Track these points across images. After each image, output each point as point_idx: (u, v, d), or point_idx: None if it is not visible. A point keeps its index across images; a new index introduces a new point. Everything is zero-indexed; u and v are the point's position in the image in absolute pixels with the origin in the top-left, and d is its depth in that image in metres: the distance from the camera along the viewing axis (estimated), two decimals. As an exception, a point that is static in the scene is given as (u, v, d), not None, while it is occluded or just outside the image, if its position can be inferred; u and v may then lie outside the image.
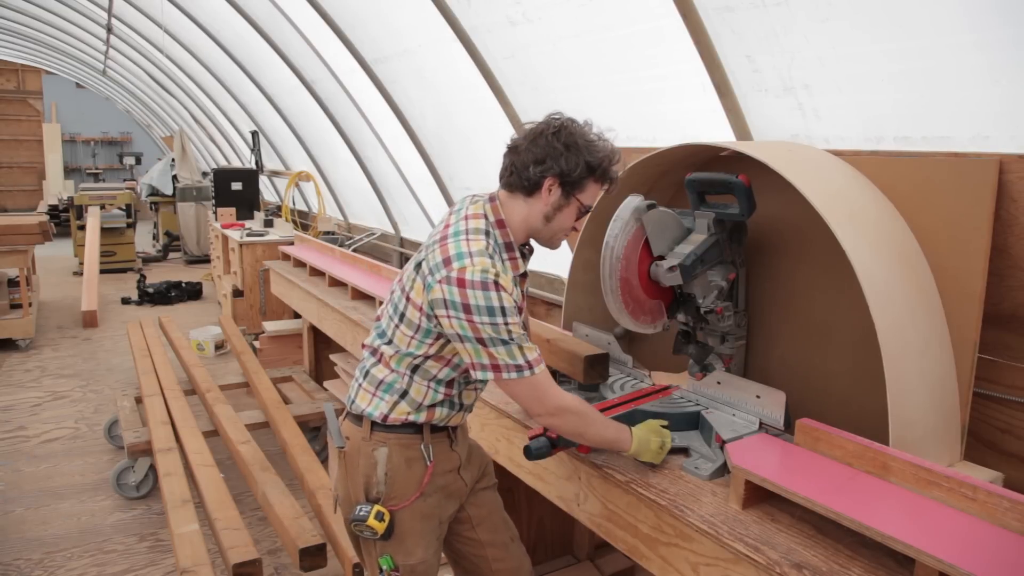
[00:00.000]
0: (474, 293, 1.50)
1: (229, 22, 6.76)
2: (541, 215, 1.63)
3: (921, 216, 1.74)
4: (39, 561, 3.05)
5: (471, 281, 1.50)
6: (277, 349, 5.18)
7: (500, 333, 1.51)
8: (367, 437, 1.67)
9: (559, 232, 1.66)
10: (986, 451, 1.86)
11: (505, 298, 1.51)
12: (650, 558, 1.60)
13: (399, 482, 1.67)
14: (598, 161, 1.59)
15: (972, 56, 1.75)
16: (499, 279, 1.51)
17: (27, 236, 6.19)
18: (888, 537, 1.24)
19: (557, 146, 1.57)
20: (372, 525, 1.62)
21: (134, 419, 3.90)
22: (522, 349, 1.54)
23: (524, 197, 1.63)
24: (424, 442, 1.68)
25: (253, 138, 8.26)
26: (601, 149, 1.60)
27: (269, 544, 3.13)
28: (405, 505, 1.67)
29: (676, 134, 2.69)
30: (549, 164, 1.57)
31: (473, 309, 1.50)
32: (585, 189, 1.61)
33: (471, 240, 1.57)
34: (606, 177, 1.63)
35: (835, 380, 1.89)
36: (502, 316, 1.50)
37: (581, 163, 1.57)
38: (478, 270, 1.51)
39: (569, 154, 1.57)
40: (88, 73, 15.90)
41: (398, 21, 4.35)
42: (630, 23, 2.71)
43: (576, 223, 1.66)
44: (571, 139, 1.58)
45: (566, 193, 1.60)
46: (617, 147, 1.65)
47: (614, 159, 1.63)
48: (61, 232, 11.32)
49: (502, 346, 1.52)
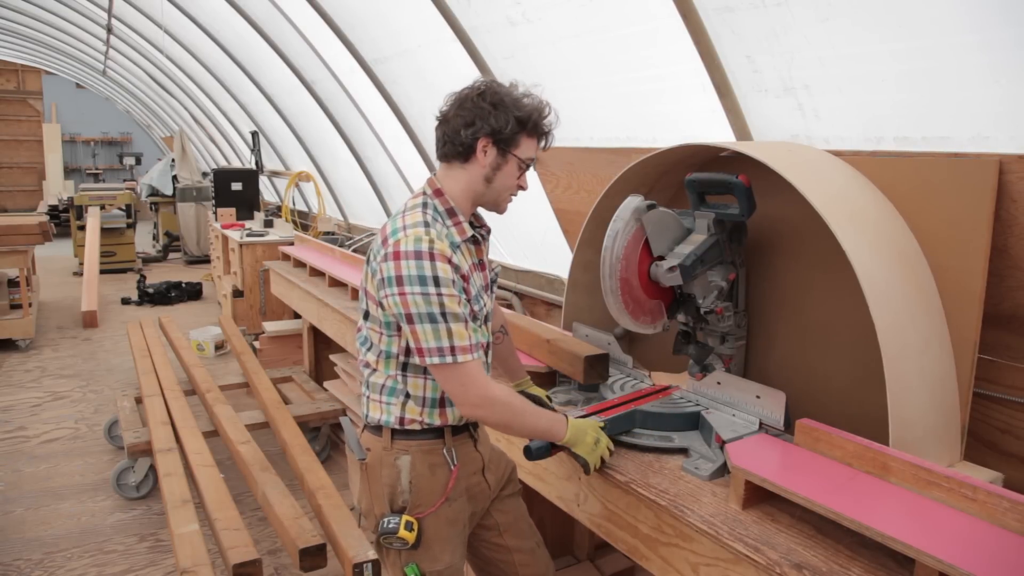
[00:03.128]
0: (407, 263, 1.48)
1: (229, 22, 6.76)
2: (481, 178, 1.61)
3: (921, 216, 1.74)
4: (39, 561, 3.05)
5: (404, 252, 1.49)
6: (277, 349, 5.18)
7: (431, 305, 1.48)
8: (388, 447, 1.65)
9: (503, 192, 1.64)
10: (986, 451, 1.86)
11: (440, 268, 1.48)
12: (650, 558, 1.60)
13: (424, 489, 1.64)
14: (527, 115, 1.58)
15: (972, 56, 1.75)
16: (434, 247, 1.49)
17: (27, 236, 6.19)
18: (888, 537, 1.24)
19: (484, 106, 1.56)
20: (403, 536, 1.59)
21: (134, 419, 3.90)
22: (451, 332, 1.49)
23: (461, 164, 1.62)
24: (446, 446, 1.66)
25: (253, 138, 8.26)
26: (528, 104, 1.60)
27: (269, 544, 3.13)
28: (431, 511, 1.63)
29: (676, 134, 2.68)
30: (479, 125, 1.56)
31: (405, 280, 1.48)
32: (520, 144, 1.60)
33: (406, 215, 1.58)
34: (538, 130, 1.62)
35: (835, 380, 1.89)
36: (434, 286, 1.47)
37: (511, 119, 1.56)
38: (411, 239, 1.50)
39: (498, 112, 1.56)
40: (88, 73, 15.90)
41: (398, 21, 4.35)
42: (630, 23, 2.71)
43: (520, 181, 1.65)
44: (497, 98, 1.57)
45: (501, 151, 1.59)
46: (546, 100, 1.63)
47: (543, 112, 1.62)
48: (61, 232, 11.32)
49: (428, 324, 1.49)
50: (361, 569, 2.39)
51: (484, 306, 1.66)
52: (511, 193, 1.66)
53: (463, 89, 1.63)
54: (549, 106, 1.64)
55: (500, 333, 1.98)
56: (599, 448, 1.64)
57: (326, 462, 3.86)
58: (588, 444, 1.63)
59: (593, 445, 1.64)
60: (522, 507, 1.91)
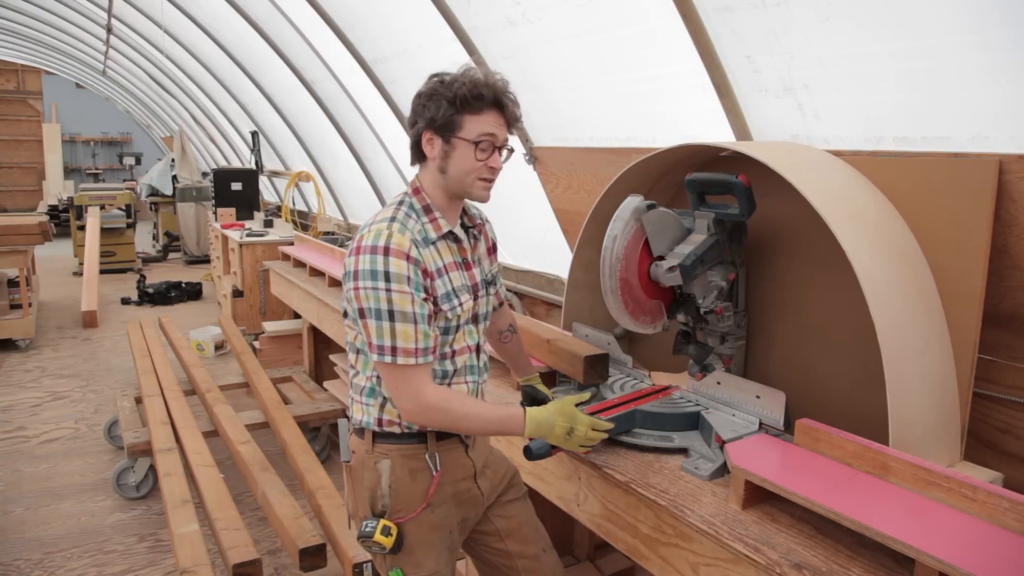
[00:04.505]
0: (363, 258, 1.49)
1: (229, 22, 6.76)
2: (436, 169, 1.59)
3: (921, 216, 1.74)
4: (39, 561, 3.05)
5: (363, 247, 1.50)
6: (277, 349, 5.18)
7: (380, 301, 1.47)
8: (370, 450, 1.64)
9: (465, 177, 1.57)
10: (986, 451, 1.86)
11: (393, 263, 1.47)
12: (650, 558, 1.60)
13: (403, 494, 1.62)
14: (455, 94, 1.52)
15: (973, 56, 1.75)
16: (391, 241, 1.48)
17: (27, 236, 6.20)
18: (888, 537, 1.24)
19: (421, 101, 1.56)
20: (379, 540, 1.57)
21: (134, 419, 3.90)
22: (394, 331, 1.48)
23: (422, 164, 1.63)
24: (429, 451, 1.63)
25: (253, 138, 8.26)
26: (459, 80, 1.53)
27: (269, 544, 3.13)
28: (411, 517, 1.62)
29: (676, 134, 2.68)
30: (419, 121, 1.57)
31: (360, 274, 1.49)
32: (462, 126, 1.53)
33: (379, 214, 1.59)
34: (477, 105, 1.53)
35: (835, 380, 1.89)
36: (384, 281, 1.47)
37: (443, 104, 1.52)
38: (372, 235, 1.51)
39: (431, 102, 1.54)
40: (88, 73, 15.89)
41: (398, 21, 4.35)
42: (630, 23, 2.71)
43: (488, 160, 1.56)
44: (431, 88, 1.55)
45: (445, 138, 1.55)
46: (484, 73, 1.56)
47: (478, 83, 1.53)
48: (61, 232, 11.32)
49: (375, 319, 1.49)
50: (361, 569, 2.39)
51: (460, 304, 1.61)
52: (477, 176, 1.57)
53: None
54: (488, 75, 1.56)
55: (508, 332, 1.98)
56: (576, 435, 1.58)
57: (326, 462, 3.86)
58: (558, 436, 1.57)
59: (565, 436, 1.57)
60: (527, 512, 1.87)
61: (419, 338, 1.51)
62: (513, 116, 1.59)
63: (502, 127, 1.58)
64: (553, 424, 1.57)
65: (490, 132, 1.55)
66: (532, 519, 1.87)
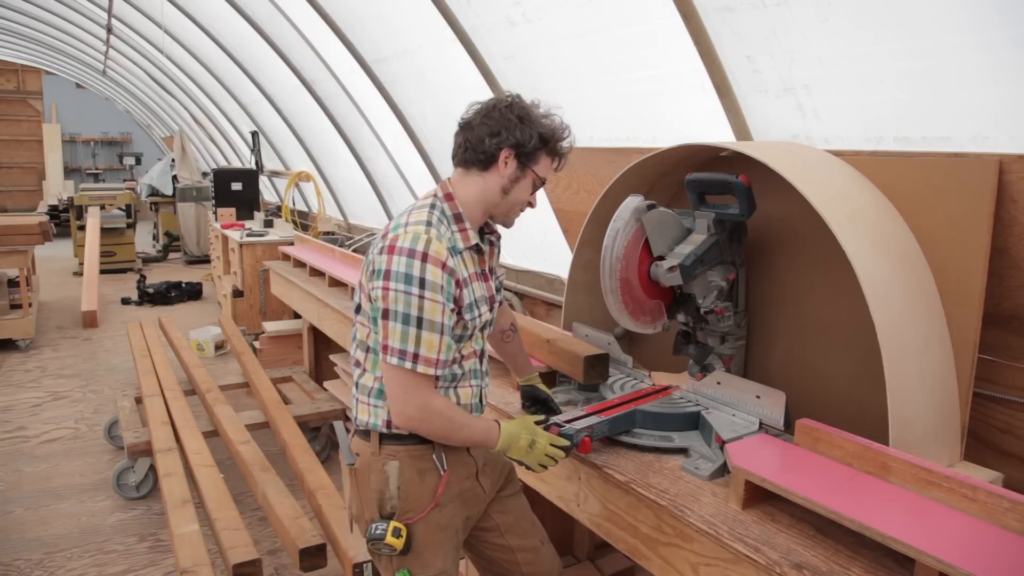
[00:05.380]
0: (398, 259, 1.50)
1: (229, 23, 6.76)
2: (499, 188, 1.62)
3: (921, 216, 1.74)
4: (39, 562, 3.05)
5: (399, 248, 1.50)
6: (277, 349, 5.18)
7: (410, 307, 1.48)
8: (376, 452, 1.64)
9: (516, 206, 1.66)
10: (986, 451, 1.86)
11: (430, 271, 1.48)
12: (650, 558, 1.60)
13: (412, 495, 1.62)
14: (550, 133, 1.62)
15: (972, 56, 1.75)
16: (430, 247, 1.49)
17: (27, 236, 6.19)
18: (888, 537, 1.24)
19: (511, 118, 1.59)
20: (391, 543, 1.58)
21: (134, 419, 3.90)
22: (420, 339, 1.50)
23: (480, 172, 1.63)
24: (436, 451, 1.64)
25: (253, 138, 8.26)
26: (552, 122, 1.64)
27: (269, 544, 3.13)
28: (420, 517, 1.62)
29: (676, 135, 2.68)
30: (505, 136, 1.58)
31: (392, 275, 1.49)
32: (539, 161, 1.63)
33: (412, 213, 1.60)
34: (557, 151, 1.65)
35: (835, 380, 1.89)
36: (419, 287, 1.48)
37: (535, 134, 1.59)
38: (409, 237, 1.51)
39: (524, 126, 1.59)
40: (88, 73, 15.89)
41: (398, 21, 4.35)
42: (630, 23, 2.71)
43: (531, 197, 1.67)
44: (524, 112, 1.60)
45: (521, 164, 1.61)
46: (566, 124, 1.67)
47: (563, 133, 1.65)
48: (61, 232, 11.32)
49: (401, 324, 1.49)
50: (361, 569, 2.39)
51: (479, 316, 1.64)
52: (522, 208, 1.68)
53: (491, 99, 1.66)
54: (569, 128, 1.67)
55: (510, 331, 1.99)
56: (536, 450, 1.62)
57: (326, 462, 3.86)
58: (522, 448, 1.61)
59: (527, 448, 1.61)
60: (524, 506, 1.90)
61: (442, 349, 1.53)
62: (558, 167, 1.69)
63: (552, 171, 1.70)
64: (519, 436, 1.61)
65: (546, 178, 1.67)
66: (529, 512, 1.90)
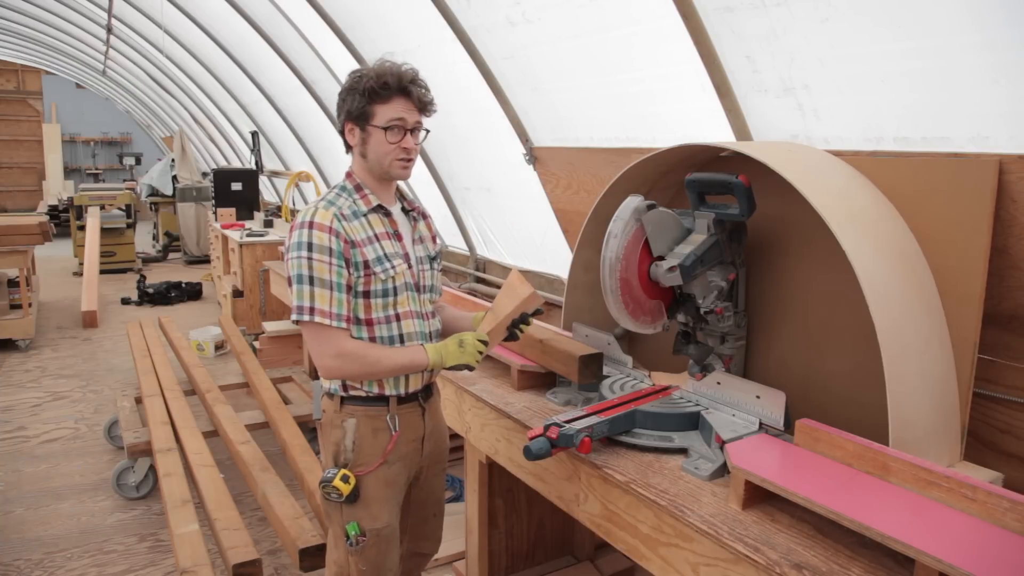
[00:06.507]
0: (294, 233, 1.70)
1: (229, 23, 6.76)
2: (359, 155, 1.79)
3: (921, 217, 1.74)
4: (39, 562, 3.05)
5: (295, 224, 1.71)
6: (277, 349, 5.18)
7: (301, 268, 1.67)
8: (338, 410, 1.82)
9: (382, 159, 1.75)
10: (986, 451, 1.86)
11: (316, 235, 1.67)
12: (650, 558, 1.60)
13: (365, 450, 1.80)
14: (363, 87, 1.70)
15: (972, 56, 1.75)
16: (315, 217, 1.69)
17: (27, 236, 6.19)
18: (888, 537, 1.24)
19: (342, 96, 1.76)
20: (337, 486, 1.74)
21: (134, 419, 3.90)
22: (313, 294, 1.66)
23: (351, 152, 1.82)
24: (390, 413, 1.81)
25: (253, 138, 8.26)
26: (368, 74, 1.72)
27: (269, 544, 3.13)
28: (370, 471, 1.79)
29: (676, 135, 2.68)
30: (341, 115, 1.77)
31: (290, 247, 1.70)
32: (374, 114, 1.72)
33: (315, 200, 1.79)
34: (384, 91, 1.70)
35: (835, 380, 1.89)
36: (307, 251, 1.67)
37: (355, 97, 1.72)
38: (301, 214, 1.72)
39: (350, 95, 1.73)
40: (88, 73, 15.89)
41: (398, 21, 4.35)
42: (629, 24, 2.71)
43: (402, 142, 1.73)
44: (348, 84, 1.74)
45: (361, 127, 1.74)
46: (393, 62, 1.73)
47: (383, 74, 1.70)
48: (61, 232, 11.32)
49: (297, 284, 1.68)
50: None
51: (391, 268, 1.76)
52: (394, 157, 1.75)
53: None
54: (395, 65, 1.72)
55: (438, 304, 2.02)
56: (467, 346, 1.76)
57: (326, 462, 3.86)
58: (453, 352, 1.76)
59: (459, 349, 1.76)
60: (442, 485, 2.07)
61: (333, 303, 1.69)
62: (422, 100, 1.74)
63: (412, 111, 1.74)
64: (446, 345, 1.78)
65: (399, 117, 1.72)
66: (440, 488, 2.07)
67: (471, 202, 4.65)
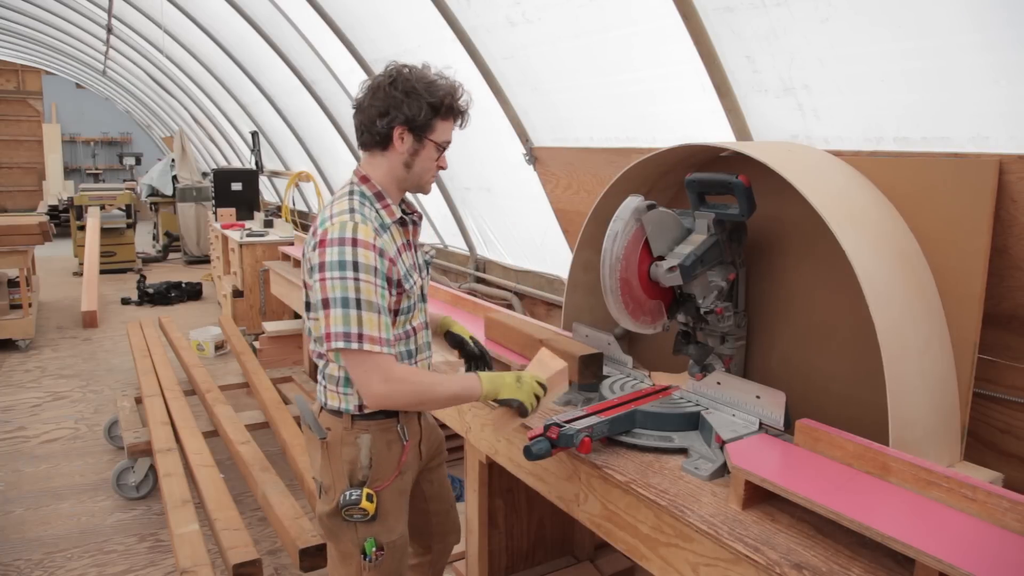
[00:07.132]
0: (331, 250, 1.55)
1: (229, 23, 6.76)
2: (401, 163, 1.68)
3: (921, 217, 1.74)
4: (39, 562, 3.05)
5: (330, 239, 1.56)
6: (277, 349, 5.19)
7: (347, 290, 1.53)
8: (348, 427, 1.72)
9: (424, 175, 1.72)
10: (986, 451, 1.86)
11: (361, 254, 1.54)
12: (650, 558, 1.60)
13: (382, 464, 1.73)
14: (439, 100, 1.64)
15: (972, 56, 1.75)
16: (357, 233, 1.55)
17: (27, 236, 6.19)
18: (888, 537, 1.24)
19: (397, 95, 1.62)
20: (365, 507, 1.67)
21: (134, 419, 3.90)
22: (361, 319, 1.54)
23: (381, 152, 1.69)
24: (400, 423, 1.75)
25: (253, 138, 8.26)
26: (441, 87, 1.66)
27: (269, 544, 3.13)
28: (387, 484, 1.74)
29: (676, 135, 2.69)
30: (394, 114, 1.62)
31: (327, 266, 1.55)
32: (435, 129, 1.67)
33: (334, 205, 1.65)
34: (452, 112, 1.68)
35: (835, 380, 1.89)
36: (352, 271, 1.53)
37: (424, 106, 1.62)
38: (336, 228, 1.57)
39: (410, 100, 1.62)
40: (88, 73, 15.89)
41: (398, 21, 4.35)
42: (629, 23, 2.71)
43: (439, 161, 1.72)
44: (408, 85, 1.62)
45: (417, 137, 1.66)
46: (458, 82, 1.69)
47: (456, 94, 1.68)
48: (61, 232, 11.32)
49: (341, 308, 1.53)
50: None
51: (415, 282, 1.72)
52: (432, 174, 1.74)
53: (375, 77, 1.68)
54: (462, 87, 1.70)
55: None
56: (524, 386, 1.67)
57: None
58: (510, 385, 1.66)
59: (516, 384, 1.67)
60: (444, 475, 2.05)
61: (382, 328, 1.58)
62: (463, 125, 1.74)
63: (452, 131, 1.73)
64: (503, 378, 1.68)
65: (450, 140, 1.71)
66: (447, 481, 2.06)
67: (471, 202, 4.65)
